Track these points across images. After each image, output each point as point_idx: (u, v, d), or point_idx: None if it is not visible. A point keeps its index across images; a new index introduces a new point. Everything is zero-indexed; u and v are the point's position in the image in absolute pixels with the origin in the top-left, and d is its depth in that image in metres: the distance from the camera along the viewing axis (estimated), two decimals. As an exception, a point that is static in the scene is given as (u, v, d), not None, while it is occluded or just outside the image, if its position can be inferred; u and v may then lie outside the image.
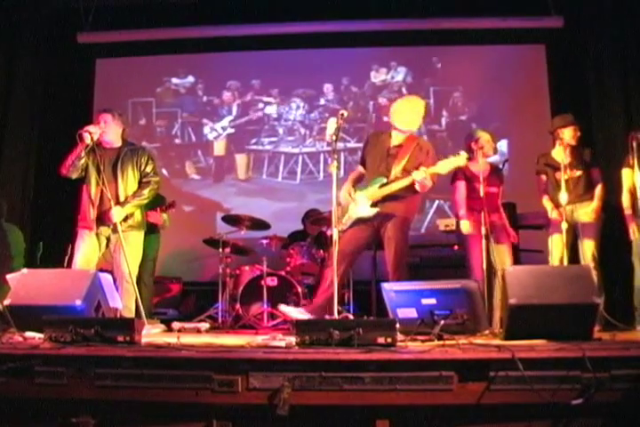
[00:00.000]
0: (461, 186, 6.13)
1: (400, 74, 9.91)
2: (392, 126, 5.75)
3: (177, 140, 10.03)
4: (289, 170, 9.77)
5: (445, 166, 5.45)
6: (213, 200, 9.66)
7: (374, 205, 5.51)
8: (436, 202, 9.04)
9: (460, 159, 5.43)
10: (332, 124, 5.52)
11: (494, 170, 6.21)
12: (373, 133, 6.21)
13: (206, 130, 10.04)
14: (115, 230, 5.60)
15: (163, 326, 5.95)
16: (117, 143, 5.85)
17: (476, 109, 9.41)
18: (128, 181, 5.72)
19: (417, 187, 5.44)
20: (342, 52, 9.75)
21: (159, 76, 10.09)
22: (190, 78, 10.14)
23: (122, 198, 5.67)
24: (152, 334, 5.12)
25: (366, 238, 5.65)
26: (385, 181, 5.54)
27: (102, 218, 5.61)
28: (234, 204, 9.43)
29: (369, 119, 9.87)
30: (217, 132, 10.05)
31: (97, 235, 5.62)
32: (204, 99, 10.13)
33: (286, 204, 9.30)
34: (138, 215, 5.78)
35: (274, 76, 9.92)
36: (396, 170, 5.55)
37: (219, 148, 10.06)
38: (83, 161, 5.66)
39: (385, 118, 9.53)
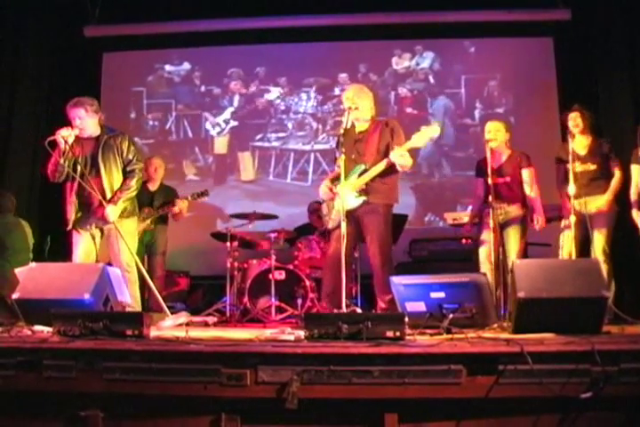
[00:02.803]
0: (477, 183, 6.21)
1: (426, 60, 9.20)
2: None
3: (171, 136, 9.37)
4: (299, 170, 8.99)
5: (420, 139, 5.36)
6: (214, 204, 8.98)
7: (360, 194, 5.42)
8: (469, 207, 8.85)
9: (433, 129, 5.38)
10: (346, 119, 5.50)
11: (511, 158, 6.14)
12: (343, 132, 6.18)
13: (207, 125, 9.36)
14: (105, 223, 5.54)
15: (187, 315, 5.75)
16: (96, 133, 5.67)
17: (512, 100, 8.99)
18: (112, 172, 5.58)
19: (398, 167, 5.37)
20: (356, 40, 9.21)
21: (151, 62, 9.50)
22: (186, 65, 9.47)
23: (107, 190, 5.54)
24: (179, 323, 5.13)
25: (352, 235, 5.41)
26: (364, 167, 5.44)
27: (91, 214, 5.55)
28: (237, 208, 8.30)
29: (390, 112, 9.07)
30: (220, 127, 9.34)
31: (87, 232, 5.57)
32: (202, 88, 9.44)
33: (296, 208, 8.36)
34: (129, 205, 5.67)
35: (281, 64, 9.32)
36: (370, 153, 5.49)
37: (220, 145, 9.34)
38: (64, 165, 5.51)
39: (409, 110, 9.09)
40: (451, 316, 4.17)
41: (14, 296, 4.48)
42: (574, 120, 6.05)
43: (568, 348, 3.43)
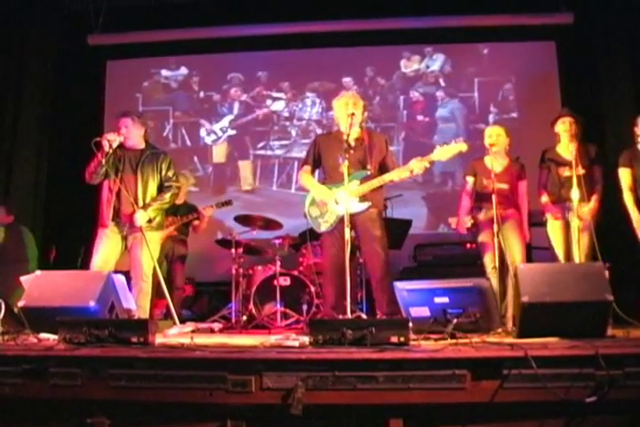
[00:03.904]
0: (469, 181, 6.18)
1: (436, 62, 8.87)
2: (338, 124, 5.64)
3: (168, 145, 8.83)
4: None
5: (444, 153, 5.40)
6: (212, 217, 8.17)
7: (361, 199, 5.40)
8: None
9: (460, 146, 5.40)
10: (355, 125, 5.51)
11: (511, 166, 6.15)
12: (321, 135, 6.16)
13: (202, 132, 8.96)
14: (132, 230, 5.63)
15: (194, 324, 5.85)
16: (140, 145, 5.87)
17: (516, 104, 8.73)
18: (148, 184, 5.74)
19: (401, 177, 5.42)
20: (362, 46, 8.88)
21: (148, 68, 9.14)
22: (183, 70, 9.15)
23: (140, 200, 5.69)
24: (184, 332, 5.16)
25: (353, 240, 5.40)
26: (366, 174, 5.44)
27: (122, 219, 5.64)
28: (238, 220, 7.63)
29: (399, 117, 8.85)
30: (215, 135, 8.97)
31: (116, 235, 5.64)
32: (201, 94, 9.10)
33: (301, 220, 7.14)
34: (159, 217, 5.81)
35: (284, 69, 9.01)
36: (372, 161, 5.47)
37: (219, 153, 8.96)
38: (104, 168, 5.65)
39: (420, 117, 8.71)
40: (455, 321, 4.18)
41: (20, 304, 4.50)
42: (568, 125, 6.02)
43: (572, 352, 3.44)
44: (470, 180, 6.19)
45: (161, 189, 5.82)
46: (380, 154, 5.59)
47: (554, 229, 5.99)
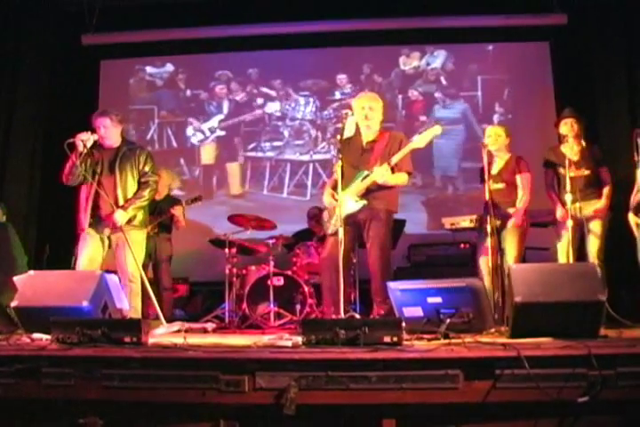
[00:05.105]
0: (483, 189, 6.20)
1: (437, 59, 8.55)
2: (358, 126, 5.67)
3: (153, 146, 8.52)
4: (297, 182, 8.31)
5: (421, 140, 5.45)
6: (199, 222, 8.21)
7: (360, 198, 5.44)
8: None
9: (433, 130, 5.46)
10: (350, 125, 5.52)
11: (509, 163, 6.14)
12: (341, 139, 6.18)
13: (189, 131, 8.57)
14: (115, 231, 5.60)
15: (182, 324, 5.85)
16: (117, 143, 5.83)
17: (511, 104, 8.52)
18: (127, 181, 5.71)
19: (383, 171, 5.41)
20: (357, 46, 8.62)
21: (132, 64, 8.81)
22: (169, 67, 8.83)
23: (120, 197, 5.65)
24: (171, 331, 5.16)
25: (351, 241, 5.54)
26: (366, 173, 5.46)
27: (103, 219, 5.61)
28: (225, 227, 7.55)
29: (398, 117, 8.54)
30: (203, 135, 8.63)
31: (97, 235, 5.62)
32: (188, 93, 8.75)
33: (294, 226, 7.56)
34: (140, 215, 5.77)
35: (276, 66, 8.68)
36: (375, 162, 5.49)
37: (207, 155, 8.61)
38: (80, 168, 5.61)
39: (422, 118, 8.42)
40: (448, 321, 4.18)
41: (13, 304, 4.49)
42: (570, 125, 6.04)
43: (565, 352, 3.44)
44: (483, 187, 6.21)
45: (139, 184, 5.78)
46: (390, 155, 5.54)
47: (563, 236, 5.99)
